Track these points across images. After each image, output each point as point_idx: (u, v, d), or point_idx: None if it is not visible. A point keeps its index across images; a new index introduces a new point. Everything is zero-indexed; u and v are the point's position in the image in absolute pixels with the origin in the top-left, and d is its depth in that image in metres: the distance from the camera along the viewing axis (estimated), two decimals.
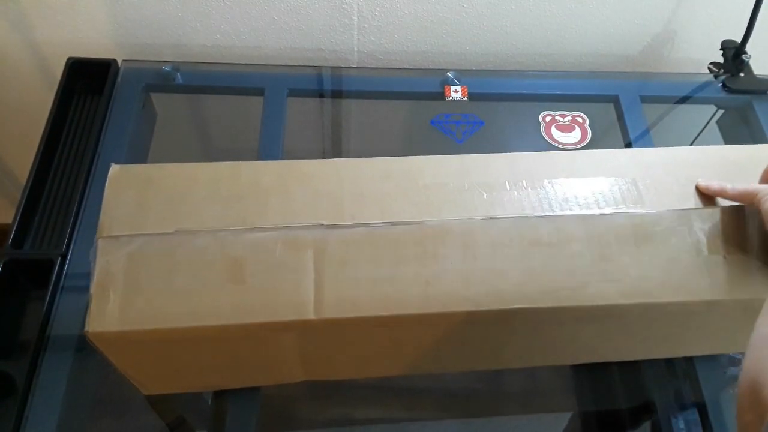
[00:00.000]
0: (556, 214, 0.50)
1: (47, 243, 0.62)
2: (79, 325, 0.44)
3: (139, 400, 0.56)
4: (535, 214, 0.50)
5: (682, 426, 0.59)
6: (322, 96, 0.80)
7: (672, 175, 0.54)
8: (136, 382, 0.53)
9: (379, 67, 0.87)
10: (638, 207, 0.51)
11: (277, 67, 0.83)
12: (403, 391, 0.65)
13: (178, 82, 0.76)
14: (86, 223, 0.63)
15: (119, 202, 0.49)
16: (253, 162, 0.52)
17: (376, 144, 0.86)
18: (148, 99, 0.76)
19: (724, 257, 0.51)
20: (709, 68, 0.85)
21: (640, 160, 0.55)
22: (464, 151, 0.72)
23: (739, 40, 0.80)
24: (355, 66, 0.87)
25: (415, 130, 0.81)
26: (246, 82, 0.78)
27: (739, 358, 0.63)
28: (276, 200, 0.49)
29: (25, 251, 0.62)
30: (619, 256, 0.50)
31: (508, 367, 0.61)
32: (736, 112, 0.83)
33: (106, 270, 0.46)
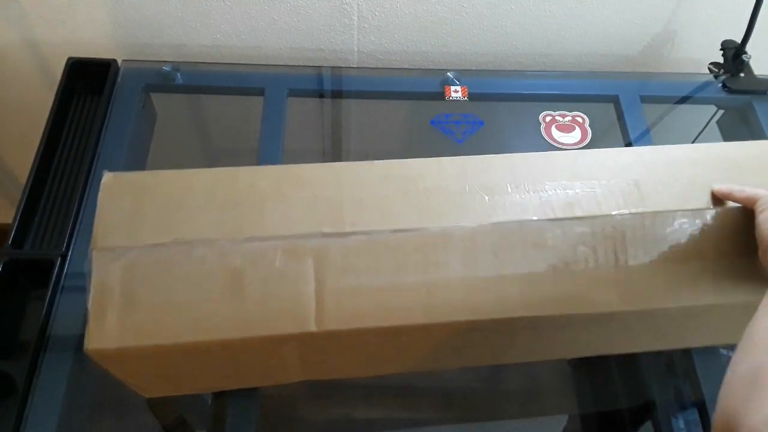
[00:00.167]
0: (559, 218, 0.49)
1: (47, 243, 0.62)
2: (79, 325, 0.44)
3: (139, 400, 0.55)
4: (538, 219, 0.49)
5: (682, 426, 0.59)
6: (322, 96, 0.80)
7: (674, 175, 0.53)
8: (136, 389, 0.52)
9: (379, 67, 0.86)
10: (641, 208, 0.51)
11: (277, 67, 0.83)
12: (403, 391, 0.65)
13: (178, 82, 0.76)
14: (86, 223, 0.63)
15: (113, 212, 0.47)
16: (249, 167, 0.51)
17: (376, 144, 0.86)
18: (148, 99, 0.76)
19: (731, 261, 0.50)
20: (709, 68, 0.85)
21: (641, 159, 0.54)
22: (464, 151, 0.72)
23: (739, 40, 0.80)
24: (355, 66, 0.87)
25: (415, 130, 0.81)
26: (246, 82, 0.78)
27: None
28: (274, 207, 0.48)
29: (25, 251, 0.62)
30: (623, 261, 0.49)
31: (507, 363, 0.61)
32: (737, 113, 0.83)
33: (103, 283, 0.44)
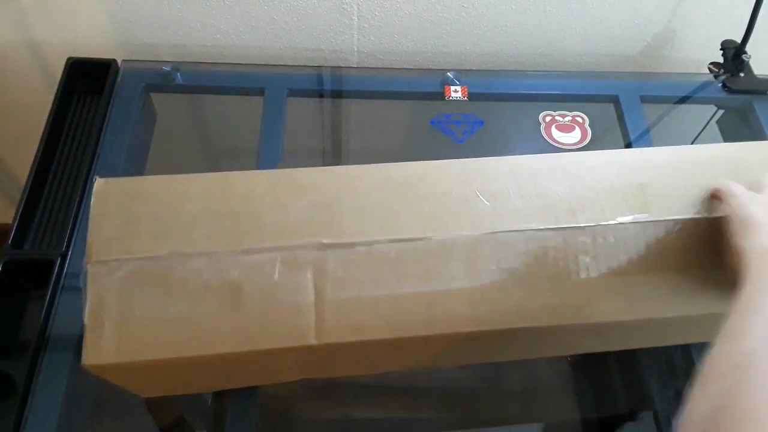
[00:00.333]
0: (561, 227, 0.49)
1: (47, 243, 0.62)
2: (79, 326, 0.44)
3: (139, 400, 0.55)
4: (541, 227, 0.48)
5: None
6: (322, 96, 0.80)
7: (679, 178, 0.52)
8: (134, 391, 0.52)
9: (379, 67, 0.86)
10: (645, 213, 0.50)
11: (277, 67, 0.83)
12: (403, 391, 0.65)
13: (178, 82, 0.76)
14: (86, 223, 0.62)
15: (107, 222, 0.46)
16: (244, 172, 0.50)
17: (376, 144, 0.85)
18: (148, 99, 0.76)
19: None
20: (709, 68, 0.84)
21: (645, 161, 0.53)
22: (464, 151, 0.72)
23: (739, 40, 0.80)
24: (355, 66, 0.87)
25: (415, 130, 0.81)
26: (246, 82, 0.78)
27: None
28: (271, 216, 0.47)
29: (25, 251, 0.62)
30: (626, 270, 0.48)
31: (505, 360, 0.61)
32: (737, 112, 0.83)
33: (99, 297, 0.44)
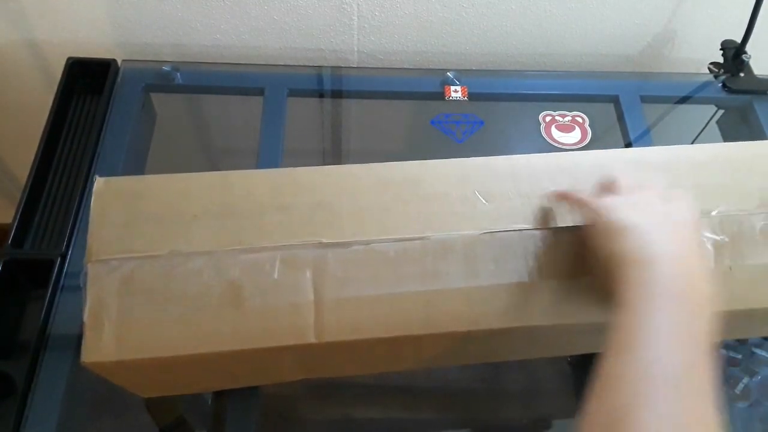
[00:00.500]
0: (559, 227, 0.49)
1: (47, 243, 0.63)
2: (79, 325, 0.44)
3: (139, 399, 0.55)
4: (538, 228, 0.49)
5: None
6: (322, 96, 0.80)
7: (676, 178, 0.52)
8: (134, 391, 0.52)
9: (379, 67, 0.86)
10: None
11: (277, 67, 0.83)
12: (403, 391, 0.65)
13: (178, 82, 0.76)
14: (86, 223, 0.62)
15: (107, 221, 0.46)
16: (244, 171, 0.50)
17: (376, 144, 0.85)
18: (148, 99, 0.76)
19: (730, 268, 0.50)
20: (710, 68, 0.85)
21: (643, 161, 0.53)
22: (464, 151, 0.72)
23: (739, 40, 0.80)
24: (355, 66, 0.87)
25: (415, 130, 0.81)
26: (246, 82, 0.78)
27: (739, 357, 0.63)
28: (272, 216, 0.48)
29: (25, 251, 0.62)
30: None
31: (504, 360, 0.60)
32: (737, 112, 0.83)
33: (99, 297, 0.44)
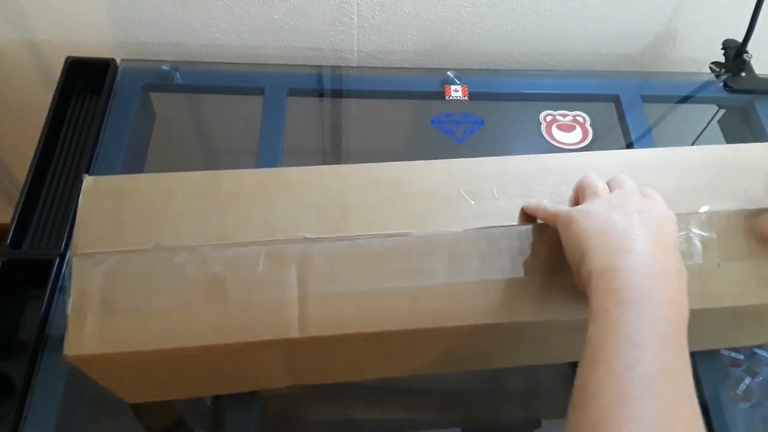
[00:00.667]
0: (544, 224, 0.49)
1: (46, 243, 0.62)
2: None
3: None
4: (522, 224, 0.49)
5: None
6: (322, 95, 0.80)
7: (666, 179, 0.52)
8: (119, 393, 0.52)
9: (379, 66, 0.86)
10: None
11: (277, 66, 0.83)
12: (403, 391, 0.65)
13: (178, 81, 0.76)
14: None
15: (94, 217, 0.47)
16: (233, 171, 0.51)
17: (376, 144, 0.85)
18: (147, 98, 0.76)
19: (718, 265, 0.50)
20: (711, 68, 0.84)
21: (633, 162, 0.53)
22: (465, 151, 0.72)
23: (740, 39, 0.80)
24: (355, 65, 0.86)
25: (415, 130, 0.81)
26: (246, 82, 0.77)
27: (741, 358, 0.63)
28: (257, 213, 0.48)
29: (23, 251, 0.62)
30: None
31: (497, 367, 0.60)
32: (738, 112, 0.83)
33: (82, 290, 0.44)
